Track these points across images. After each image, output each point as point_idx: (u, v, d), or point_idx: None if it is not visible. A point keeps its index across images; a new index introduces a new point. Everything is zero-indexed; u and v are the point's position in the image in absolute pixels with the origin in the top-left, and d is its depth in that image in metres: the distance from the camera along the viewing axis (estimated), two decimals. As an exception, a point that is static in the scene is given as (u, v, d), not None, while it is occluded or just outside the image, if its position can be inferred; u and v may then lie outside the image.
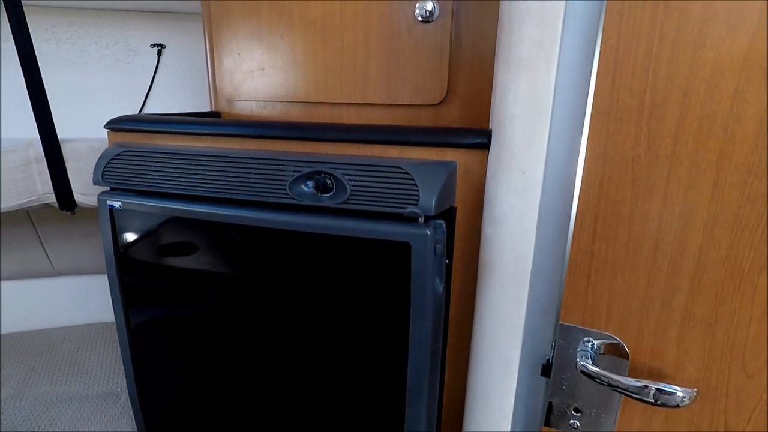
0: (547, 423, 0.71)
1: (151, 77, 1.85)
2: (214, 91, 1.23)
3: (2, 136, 1.06)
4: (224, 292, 0.94)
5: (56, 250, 1.55)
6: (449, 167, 0.74)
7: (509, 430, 0.74)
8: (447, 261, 0.80)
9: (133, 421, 1.15)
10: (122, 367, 1.38)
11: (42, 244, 1.53)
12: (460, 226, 0.80)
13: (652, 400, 0.58)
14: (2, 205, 0.98)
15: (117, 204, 0.89)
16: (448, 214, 0.77)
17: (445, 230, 0.76)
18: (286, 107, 1.15)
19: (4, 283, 1.59)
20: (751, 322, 0.55)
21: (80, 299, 1.66)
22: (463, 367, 0.83)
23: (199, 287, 0.95)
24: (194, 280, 0.95)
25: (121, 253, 0.94)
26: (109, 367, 1.37)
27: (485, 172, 0.74)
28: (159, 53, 1.86)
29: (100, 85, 1.82)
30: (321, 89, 1.09)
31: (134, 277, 0.98)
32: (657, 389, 0.57)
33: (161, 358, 1.07)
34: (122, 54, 1.83)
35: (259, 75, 1.14)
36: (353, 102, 1.08)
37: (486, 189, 0.72)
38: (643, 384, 0.58)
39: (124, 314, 0.97)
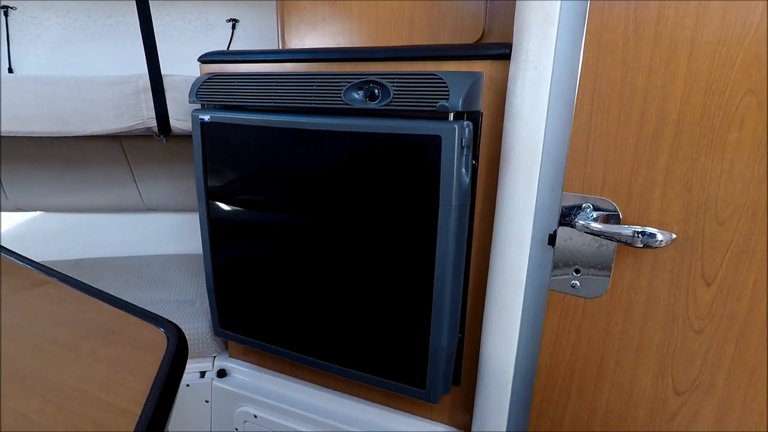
0: (553, 287, 0.83)
1: (226, 48, 2.11)
2: (283, 43, 1.43)
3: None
4: (289, 191, 1.12)
5: (147, 189, 1.84)
6: (476, 75, 0.88)
7: (522, 297, 0.87)
8: (474, 162, 0.95)
9: (205, 319, 1.38)
10: (196, 284, 1.63)
11: (136, 183, 1.82)
12: (485, 132, 0.94)
13: (641, 245, 0.70)
14: (117, 126, 1.24)
15: (206, 117, 1.10)
16: (474, 118, 0.91)
17: (471, 129, 0.90)
18: (343, 52, 1.34)
19: (104, 215, 1.90)
20: (722, 174, 0.65)
21: (164, 233, 1.95)
22: (486, 251, 0.96)
23: (267, 188, 1.14)
24: (262, 183, 1.15)
25: (207, 159, 1.16)
26: (186, 284, 1.63)
27: (507, 82, 0.87)
28: (233, 27, 2.12)
29: (183, 54, 2.09)
30: (373, 34, 1.27)
31: (216, 182, 1.19)
32: (643, 233, 0.69)
33: (233, 255, 1.27)
34: (202, 27, 2.11)
35: (321, 25, 1.33)
36: (400, 45, 1.24)
37: (507, 89, 0.85)
38: (633, 231, 0.70)
39: (206, 208, 1.18)
